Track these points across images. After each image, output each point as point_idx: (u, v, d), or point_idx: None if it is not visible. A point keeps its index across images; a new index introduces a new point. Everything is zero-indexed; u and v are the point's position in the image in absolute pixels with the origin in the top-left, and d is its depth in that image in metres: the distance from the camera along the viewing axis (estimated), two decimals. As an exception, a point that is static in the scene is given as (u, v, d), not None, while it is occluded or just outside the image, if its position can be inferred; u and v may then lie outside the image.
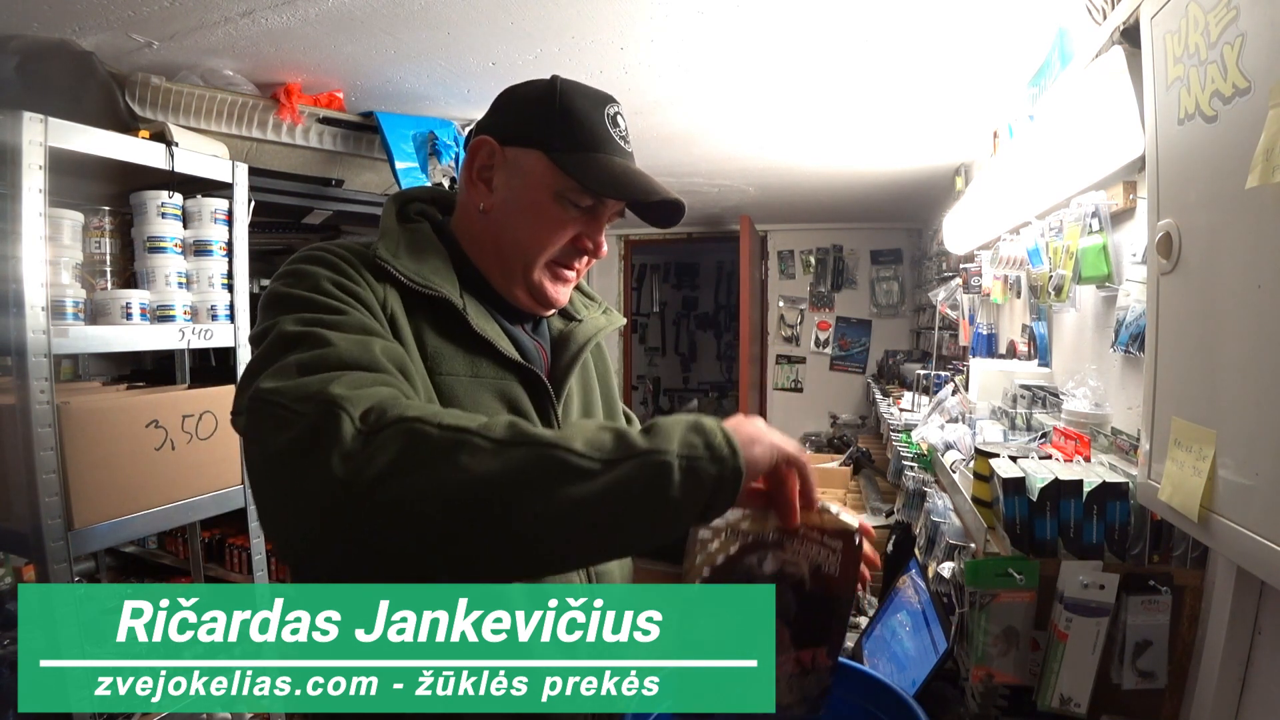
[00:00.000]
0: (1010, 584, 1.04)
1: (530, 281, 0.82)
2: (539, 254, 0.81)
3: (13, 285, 1.34)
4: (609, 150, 0.79)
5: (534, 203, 0.79)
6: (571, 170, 0.77)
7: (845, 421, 4.43)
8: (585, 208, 0.80)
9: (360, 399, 0.57)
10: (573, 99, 0.79)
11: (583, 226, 0.81)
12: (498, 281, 0.83)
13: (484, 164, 0.81)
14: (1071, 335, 1.62)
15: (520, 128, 0.80)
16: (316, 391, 0.57)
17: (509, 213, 0.80)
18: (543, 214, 0.80)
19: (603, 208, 0.81)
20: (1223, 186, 0.75)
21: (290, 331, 0.64)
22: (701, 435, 0.57)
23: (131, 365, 3.03)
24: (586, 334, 0.91)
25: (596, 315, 0.96)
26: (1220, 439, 0.76)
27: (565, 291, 0.85)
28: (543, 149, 0.78)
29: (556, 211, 0.79)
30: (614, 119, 0.81)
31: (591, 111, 0.79)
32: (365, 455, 0.54)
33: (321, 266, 0.73)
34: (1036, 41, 1.59)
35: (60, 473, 1.38)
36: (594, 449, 0.55)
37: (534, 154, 0.79)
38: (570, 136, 0.78)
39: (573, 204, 0.79)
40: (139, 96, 1.71)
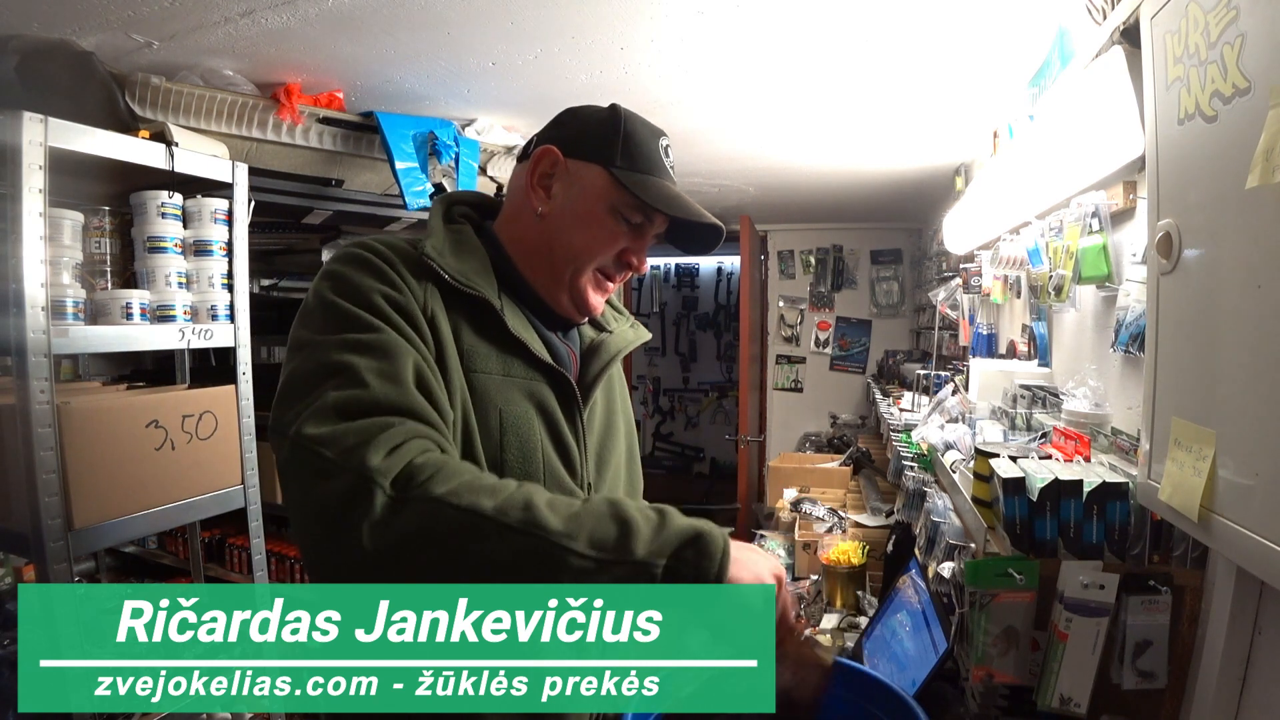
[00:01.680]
0: (1010, 584, 1.04)
1: (576, 287, 0.87)
2: (588, 261, 0.86)
3: (13, 285, 1.34)
4: (662, 175, 0.86)
5: (590, 213, 0.85)
6: (630, 186, 0.83)
7: (845, 421, 4.43)
8: (635, 224, 0.86)
9: (392, 467, 0.63)
10: (635, 126, 0.87)
11: (630, 241, 0.87)
12: (542, 284, 0.87)
13: (546, 171, 0.86)
14: (1071, 335, 1.62)
15: (584, 143, 0.86)
16: (356, 456, 0.63)
17: (565, 219, 0.85)
18: (597, 224, 0.85)
19: (649, 226, 0.87)
20: (1223, 186, 0.75)
21: (331, 361, 0.69)
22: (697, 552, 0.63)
23: (131, 365, 3.03)
24: (616, 346, 0.95)
25: (625, 329, 1.00)
26: (1220, 439, 0.76)
27: (602, 301, 0.90)
28: (604, 165, 0.84)
29: (610, 223, 0.85)
30: (666, 150, 0.88)
31: (650, 139, 0.87)
32: (390, 526, 0.61)
33: (367, 273, 0.75)
34: (1036, 41, 1.58)
35: (60, 473, 1.38)
36: (595, 547, 0.62)
37: (595, 169, 0.85)
38: (630, 157, 0.84)
39: (625, 219, 0.85)
40: (139, 96, 1.71)
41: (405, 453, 0.64)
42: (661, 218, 0.87)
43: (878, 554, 2.41)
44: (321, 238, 2.84)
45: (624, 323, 1.02)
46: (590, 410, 0.89)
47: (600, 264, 0.87)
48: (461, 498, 0.62)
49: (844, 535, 2.67)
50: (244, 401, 1.82)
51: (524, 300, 0.87)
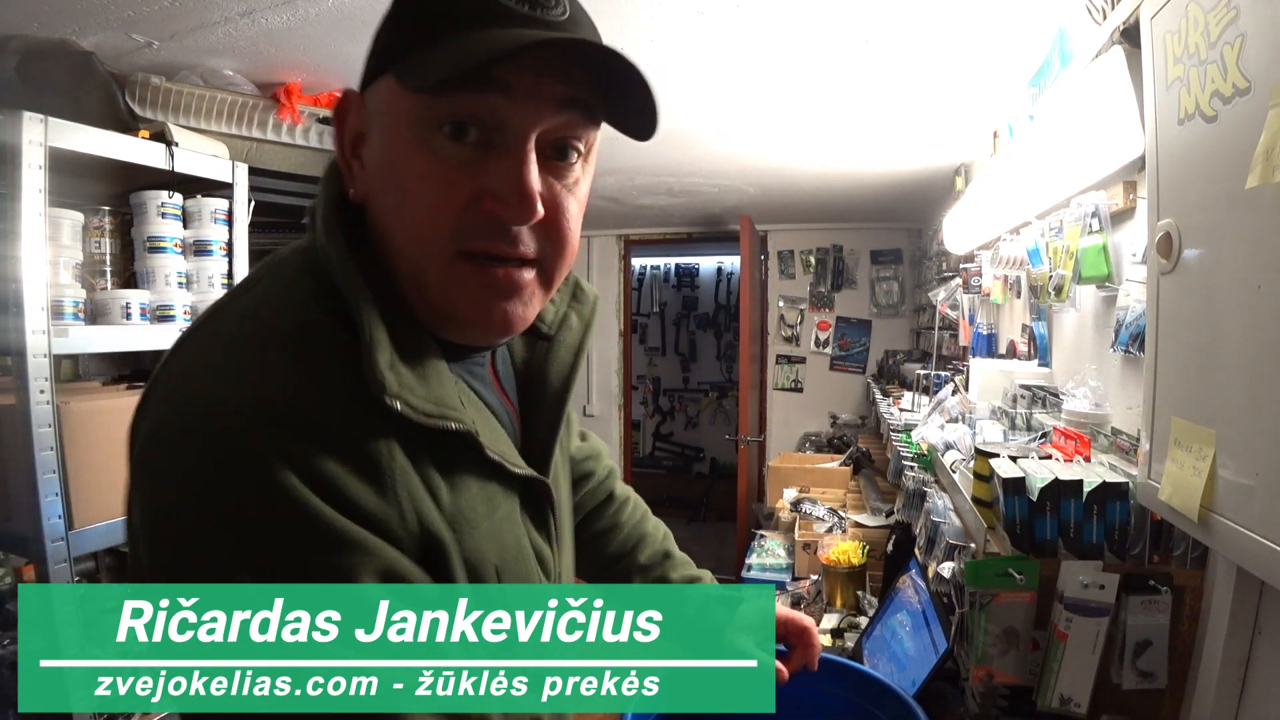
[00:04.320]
0: (1010, 584, 1.04)
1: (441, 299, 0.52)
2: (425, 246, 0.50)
3: (13, 285, 1.34)
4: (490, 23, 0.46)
5: (394, 160, 0.50)
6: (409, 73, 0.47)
7: (845, 421, 4.43)
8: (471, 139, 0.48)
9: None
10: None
11: (476, 173, 0.48)
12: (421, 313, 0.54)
13: (355, 133, 0.53)
14: (1071, 335, 1.62)
15: (369, 61, 0.53)
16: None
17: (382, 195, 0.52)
18: (406, 172, 0.49)
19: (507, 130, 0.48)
20: (1223, 186, 0.75)
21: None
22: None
23: (131, 365, 3.02)
24: (564, 368, 0.65)
25: (569, 317, 0.68)
26: (1220, 439, 0.76)
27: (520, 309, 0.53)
28: (391, 68, 0.50)
29: (422, 160, 0.48)
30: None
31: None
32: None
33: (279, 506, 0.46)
34: (1036, 41, 1.58)
35: (60, 473, 1.38)
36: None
37: (384, 82, 0.50)
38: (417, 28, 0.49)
39: (443, 137, 0.48)
40: (139, 96, 1.71)
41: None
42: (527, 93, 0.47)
43: (878, 554, 2.41)
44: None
45: (563, 307, 0.68)
46: (554, 473, 0.65)
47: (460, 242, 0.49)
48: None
49: (844, 535, 2.67)
50: (244, 401, 1.81)
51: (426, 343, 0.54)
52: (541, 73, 0.47)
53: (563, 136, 0.50)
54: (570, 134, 0.50)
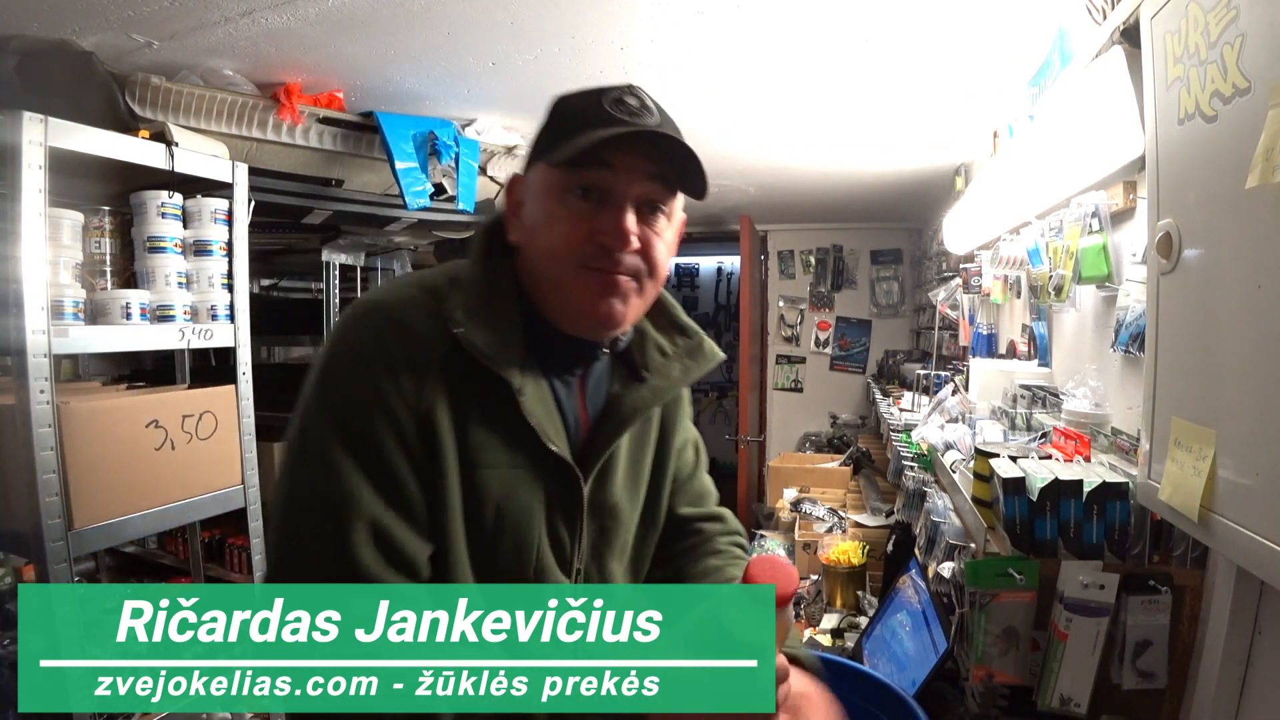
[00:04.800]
0: (1010, 584, 1.04)
1: (567, 297, 0.74)
2: (559, 262, 0.73)
3: (13, 285, 1.34)
4: (604, 125, 0.70)
5: (543, 212, 0.74)
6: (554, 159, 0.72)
7: (845, 421, 4.43)
8: (589, 198, 0.72)
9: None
10: (567, 100, 0.75)
11: (594, 219, 0.72)
12: (554, 315, 0.76)
13: (516, 201, 0.78)
14: (1071, 335, 1.62)
15: (530, 152, 0.78)
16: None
17: (532, 235, 0.76)
18: (551, 217, 0.73)
19: (614, 193, 0.72)
20: (1223, 186, 0.75)
21: (283, 525, 0.69)
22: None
23: (131, 365, 3.03)
24: (640, 403, 0.81)
25: (672, 369, 0.84)
26: (1220, 439, 0.76)
27: (620, 305, 0.74)
28: (540, 157, 0.75)
29: (561, 210, 0.73)
30: (618, 99, 0.73)
31: (585, 100, 0.73)
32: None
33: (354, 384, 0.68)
34: (1036, 41, 1.58)
35: (60, 473, 1.38)
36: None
37: (536, 168, 0.76)
38: (559, 132, 0.73)
39: (576, 192, 0.72)
40: (139, 96, 1.71)
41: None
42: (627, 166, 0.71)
43: (878, 554, 2.41)
44: (321, 238, 2.84)
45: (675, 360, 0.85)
46: (599, 485, 0.79)
47: (577, 258, 0.72)
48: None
49: (844, 535, 2.67)
50: (244, 401, 1.82)
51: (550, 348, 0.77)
52: (635, 156, 0.71)
53: (651, 199, 0.74)
54: (656, 197, 0.74)
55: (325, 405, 0.70)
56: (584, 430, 0.80)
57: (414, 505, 0.69)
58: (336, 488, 0.67)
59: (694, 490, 0.95)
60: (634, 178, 0.72)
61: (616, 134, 0.69)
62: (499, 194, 2.66)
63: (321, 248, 2.84)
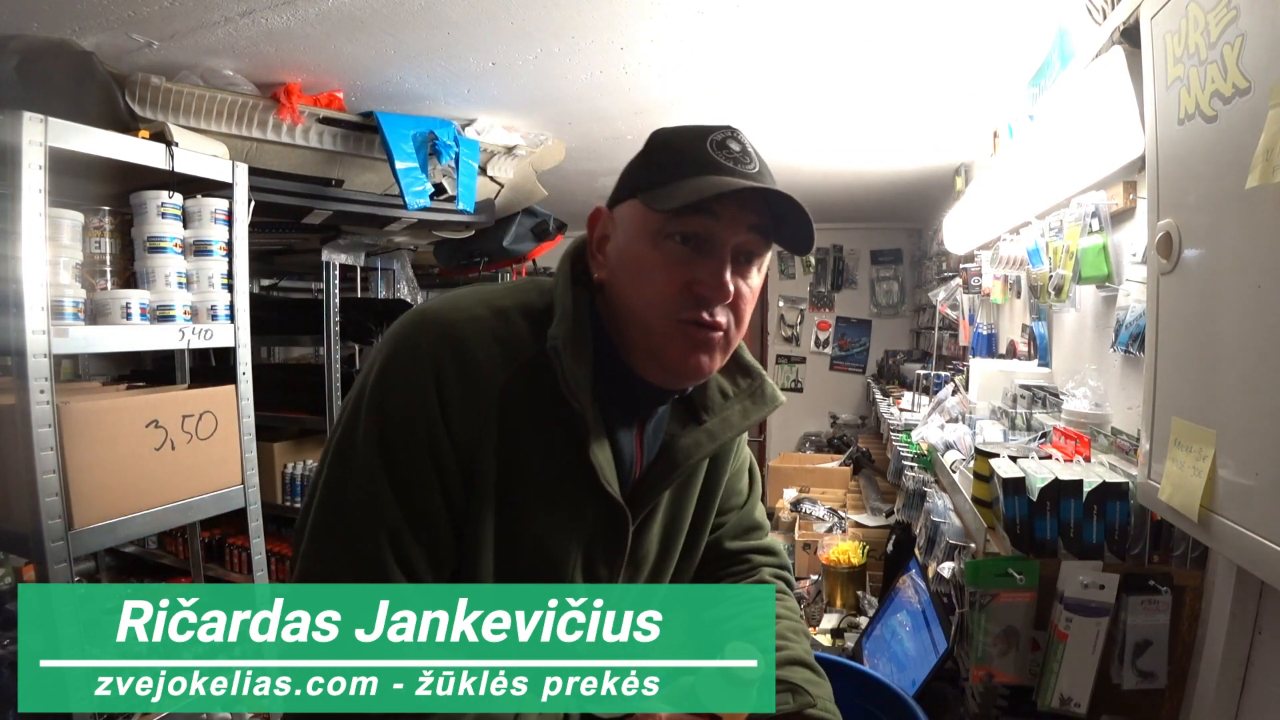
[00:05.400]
0: (1010, 584, 1.04)
1: (659, 349, 0.71)
2: (653, 311, 0.70)
3: (12, 285, 1.34)
4: (704, 172, 0.69)
5: (636, 255, 0.71)
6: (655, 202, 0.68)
7: (845, 421, 4.43)
8: (690, 245, 0.69)
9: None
10: (665, 137, 0.74)
11: (694, 269, 0.69)
12: (636, 359, 0.73)
13: (601, 235, 0.75)
14: (1071, 335, 1.62)
15: (621, 186, 0.75)
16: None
17: (620, 275, 0.72)
18: (647, 263, 0.70)
19: (711, 239, 0.69)
20: (1223, 186, 0.75)
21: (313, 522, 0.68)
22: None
23: (131, 365, 3.03)
24: (696, 447, 0.79)
25: (732, 412, 0.82)
26: (1220, 439, 0.76)
27: (708, 360, 0.72)
28: (635, 195, 0.71)
29: (658, 257, 0.69)
30: (721, 143, 0.71)
31: (688, 141, 0.71)
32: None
33: (404, 396, 0.67)
34: (1036, 41, 1.58)
35: (60, 473, 1.38)
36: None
37: (629, 205, 0.72)
38: (657, 171, 0.71)
39: (676, 239, 0.69)
40: (139, 96, 1.71)
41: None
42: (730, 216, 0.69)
43: (878, 554, 2.41)
44: (321, 238, 2.84)
45: (737, 400, 0.83)
46: (642, 527, 0.78)
47: (673, 310, 0.69)
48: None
49: (844, 535, 2.67)
50: (244, 401, 1.81)
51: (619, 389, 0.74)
52: (740, 207, 0.69)
53: (749, 250, 0.72)
54: (754, 248, 0.72)
55: (373, 415, 0.67)
56: (638, 470, 0.78)
57: (435, 535, 0.68)
58: (368, 500, 0.66)
59: (745, 523, 0.94)
60: (737, 229, 0.70)
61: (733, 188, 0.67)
62: (498, 194, 2.66)
63: (321, 248, 2.84)
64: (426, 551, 0.67)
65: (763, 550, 0.93)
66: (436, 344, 0.68)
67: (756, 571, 0.91)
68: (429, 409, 0.66)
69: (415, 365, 0.67)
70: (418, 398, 0.66)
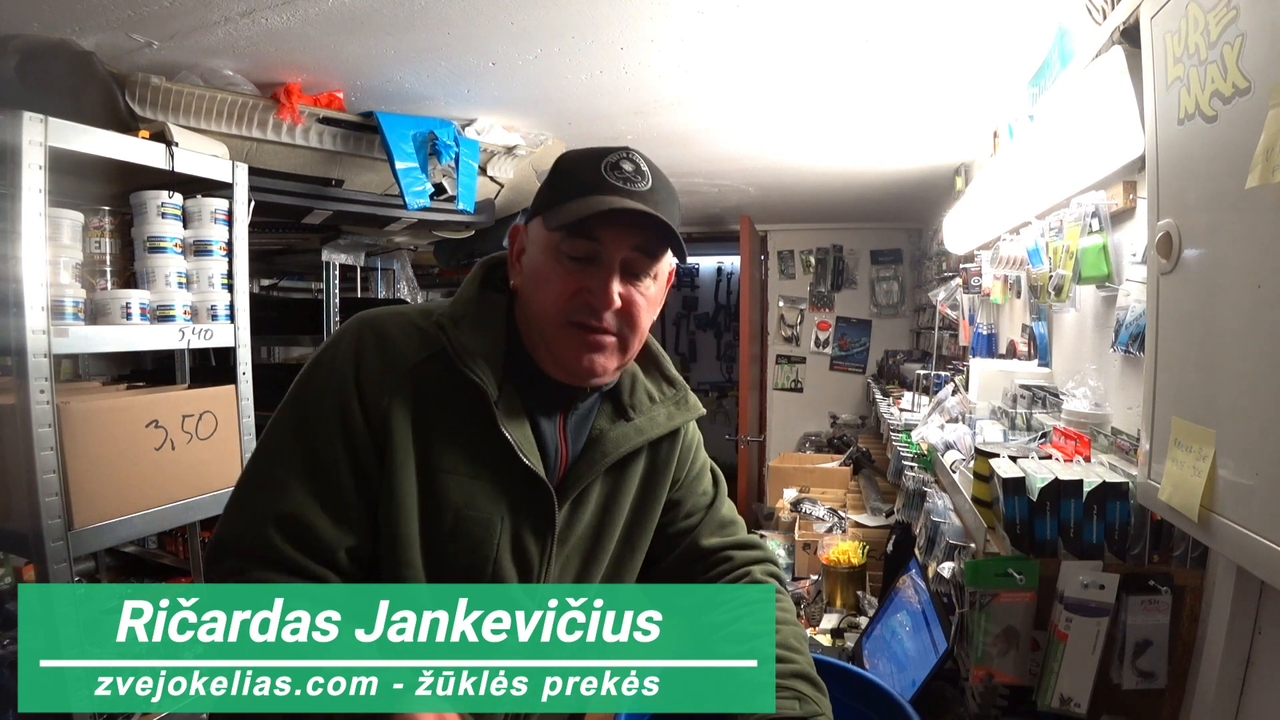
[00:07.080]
0: (1010, 584, 1.04)
1: (554, 348, 0.79)
2: (550, 315, 0.79)
3: (12, 285, 1.34)
4: (596, 191, 0.76)
5: (539, 266, 0.80)
6: (551, 222, 0.77)
7: (845, 421, 4.43)
8: (580, 259, 0.77)
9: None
10: (569, 160, 0.81)
11: (583, 279, 0.77)
12: (541, 357, 0.82)
13: (520, 248, 0.84)
14: (1071, 335, 1.62)
15: (533, 204, 0.84)
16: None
17: (527, 283, 0.82)
18: (546, 274, 0.79)
19: (596, 257, 0.77)
20: (1223, 186, 0.75)
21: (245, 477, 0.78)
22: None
23: (131, 365, 3.03)
24: (623, 440, 0.85)
25: (658, 413, 0.90)
26: (1220, 439, 0.76)
27: (601, 360, 0.79)
28: (540, 214, 0.80)
29: (555, 268, 0.78)
30: (614, 165, 0.78)
31: (586, 164, 0.78)
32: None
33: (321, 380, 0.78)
34: (1036, 41, 1.58)
35: (60, 473, 1.38)
36: None
37: (535, 223, 0.81)
38: (558, 193, 0.79)
39: (568, 257, 0.77)
40: (139, 96, 1.71)
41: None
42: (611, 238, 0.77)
43: (878, 554, 2.41)
44: (321, 238, 2.84)
45: (663, 405, 0.91)
46: (573, 511, 0.83)
47: (567, 314, 0.78)
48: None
49: (844, 535, 2.67)
50: (244, 401, 1.82)
51: (533, 384, 0.82)
52: (619, 229, 0.77)
53: (634, 266, 0.79)
54: (638, 265, 0.79)
55: (291, 397, 0.78)
56: (564, 456, 0.85)
57: (341, 497, 0.74)
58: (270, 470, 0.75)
59: (716, 520, 0.97)
60: (619, 248, 0.77)
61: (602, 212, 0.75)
62: (498, 194, 2.66)
63: (321, 248, 2.84)
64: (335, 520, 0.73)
65: (741, 545, 0.95)
66: (361, 330, 0.79)
67: (747, 571, 0.92)
68: (345, 381, 0.76)
69: (338, 353, 0.78)
70: (333, 377, 0.77)
